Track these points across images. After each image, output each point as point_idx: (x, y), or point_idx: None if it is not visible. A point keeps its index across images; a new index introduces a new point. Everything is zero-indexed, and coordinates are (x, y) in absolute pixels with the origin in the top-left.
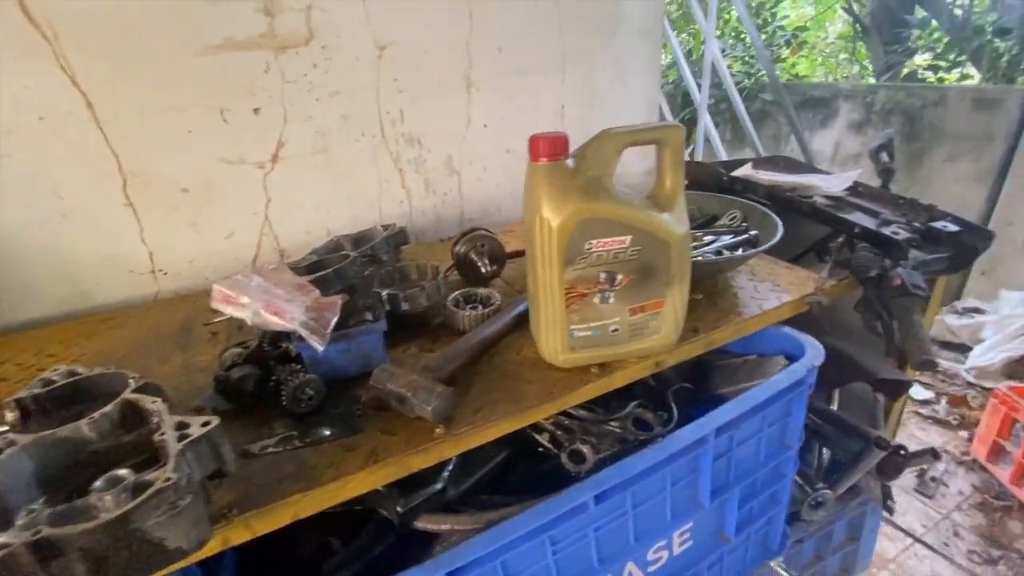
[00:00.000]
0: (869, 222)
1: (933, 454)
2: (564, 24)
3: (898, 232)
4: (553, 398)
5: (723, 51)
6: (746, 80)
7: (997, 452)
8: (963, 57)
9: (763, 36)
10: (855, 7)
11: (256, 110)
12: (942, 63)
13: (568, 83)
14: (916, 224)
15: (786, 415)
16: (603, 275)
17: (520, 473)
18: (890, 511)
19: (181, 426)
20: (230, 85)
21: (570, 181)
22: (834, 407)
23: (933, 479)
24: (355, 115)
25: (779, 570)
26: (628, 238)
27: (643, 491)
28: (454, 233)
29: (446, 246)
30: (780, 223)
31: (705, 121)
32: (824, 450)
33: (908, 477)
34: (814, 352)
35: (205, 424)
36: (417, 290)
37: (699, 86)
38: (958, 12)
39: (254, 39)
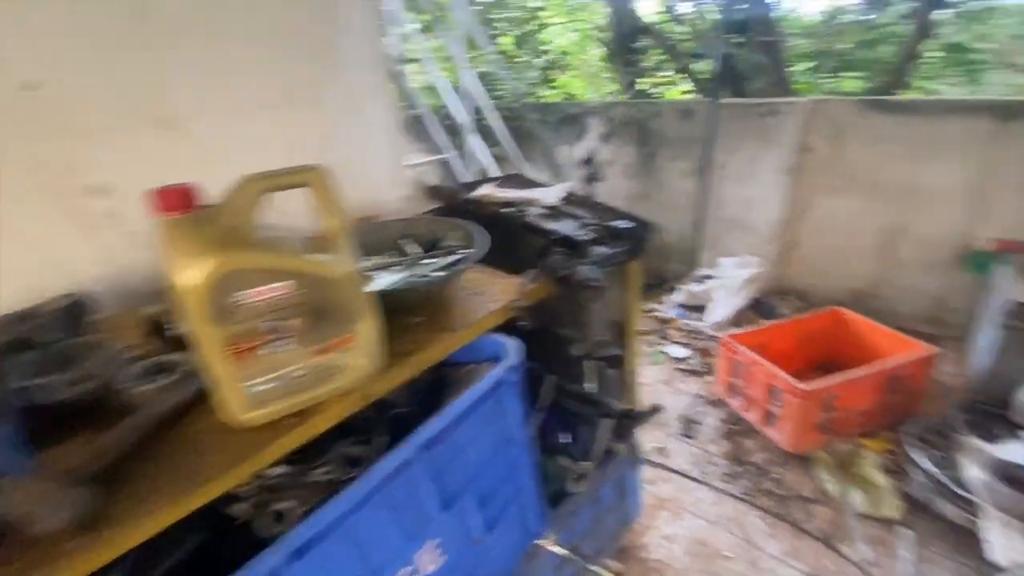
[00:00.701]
0: (570, 227)
1: (655, 409)
2: (282, 60)
3: (586, 235)
4: (240, 463)
5: (492, 76)
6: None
7: (731, 388)
8: (677, 76)
9: (537, 59)
10: (604, 36)
11: None
12: (665, 80)
13: (297, 118)
14: (605, 224)
15: (503, 413)
16: (267, 325)
17: (233, 551)
18: (640, 462)
19: None
20: None
21: (203, 234)
22: (593, 387)
23: (693, 423)
24: (3, 169)
25: (552, 548)
26: (288, 284)
27: (359, 528)
28: None
29: None
30: (489, 240)
31: (472, 144)
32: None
33: (676, 426)
34: (514, 353)
35: None
36: (68, 375)
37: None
38: (672, 43)
39: None
